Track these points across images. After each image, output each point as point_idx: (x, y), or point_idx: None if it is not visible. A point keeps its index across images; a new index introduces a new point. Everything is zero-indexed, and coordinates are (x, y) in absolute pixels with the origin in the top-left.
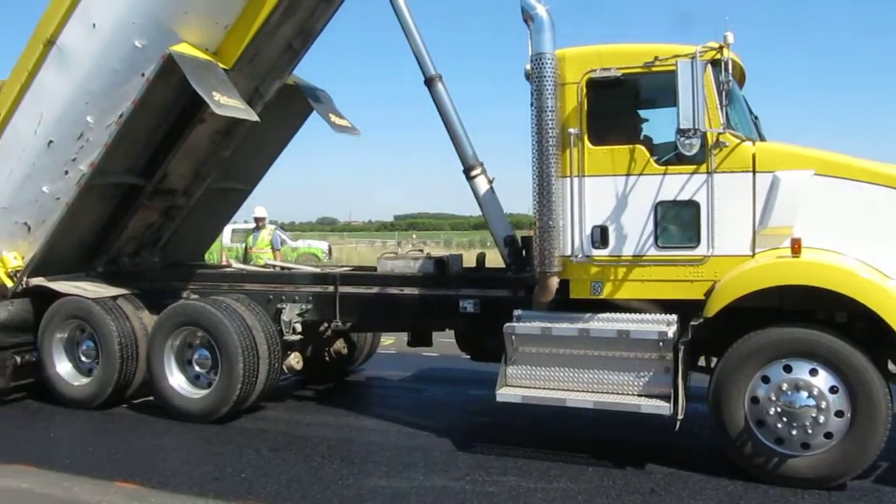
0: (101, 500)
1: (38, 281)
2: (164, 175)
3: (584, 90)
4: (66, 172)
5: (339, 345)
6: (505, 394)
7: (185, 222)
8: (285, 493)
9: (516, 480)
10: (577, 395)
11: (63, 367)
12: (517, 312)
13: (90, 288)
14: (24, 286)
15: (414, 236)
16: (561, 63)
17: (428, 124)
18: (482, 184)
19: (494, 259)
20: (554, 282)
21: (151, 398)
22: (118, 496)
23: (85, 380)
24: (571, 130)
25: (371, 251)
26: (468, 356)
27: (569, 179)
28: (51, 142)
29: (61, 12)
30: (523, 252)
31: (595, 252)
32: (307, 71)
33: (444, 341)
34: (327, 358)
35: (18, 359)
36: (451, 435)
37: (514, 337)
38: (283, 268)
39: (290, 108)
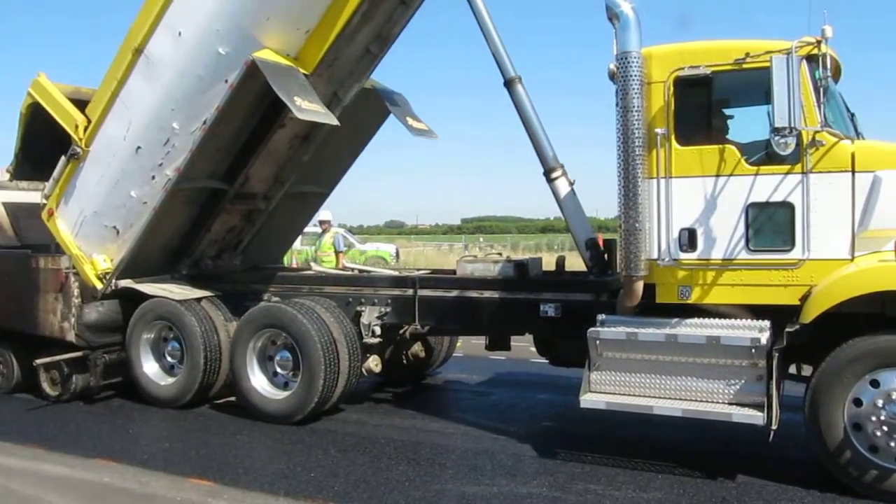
0: (176, 495)
1: (126, 283)
2: (245, 179)
3: (672, 89)
4: (153, 177)
5: (417, 348)
6: (589, 400)
7: (264, 226)
8: (353, 493)
9: (584, 486)
10: (664, 403)
11: (150, 367)
12: (601, 317)
13: (175, 290)
14: (113, 288)
15: (481, 239)
16: (647, 62)
17: (497, 126)
18: (563, 186)
19: (574, 263)
20: (640, 286)
21: (234, 399)
22: (192, 492)
23: (170, 380)
24: (658, 131)
25: (438, 254)
26: (547, 361)
27: (655, 181)
28: (139, 148)
29: (149, 22)
30: (605, 255)
31: (682, 255)
32: (384, 75)
33: (517, 345)
34: (405, 361)
35: (108, 358)
36: (519, 439)
37: (598, 342)
38: (361, 270)
39: (366, 112)
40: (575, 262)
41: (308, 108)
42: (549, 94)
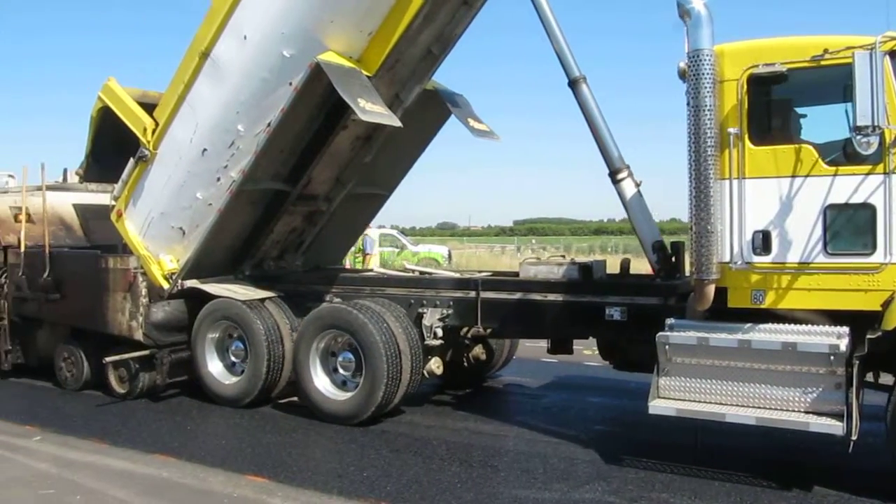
0: (233, 491)
1: (191, 283)
2: (307, 181)
3: (745, 87)
4: (219, 179)
5: (478, 350)
6: (658, 406)
7: (325, 227)
8: (405, 493)
9: (638, 492)
10: (737, 411)
11: (214, 367)
12: (670, 321)
13: (240, 290)
14: (180, 288)
15: (533, 241)
16: (720, 59)
17: (552, 125)
18: (629, 187)
19: (637, 266)
20: (711, 290)
21: (296, 398)
22: (248, 489)
23: (234, 379)
24: (731, 130)
25: (490, 256)
26: (611, 365)
27: (728, 182)
28: (204, 150)
29: (215, 26)
30: (673, 258)
31: (756, 259)
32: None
33: (577, 347)
34: (466, 363)
35: (174, 357)
36: (573, 443)
37: (667, 347)
38: (421, 272)
39: (427, 113)
40: (638, 265)
41: (371, 110)
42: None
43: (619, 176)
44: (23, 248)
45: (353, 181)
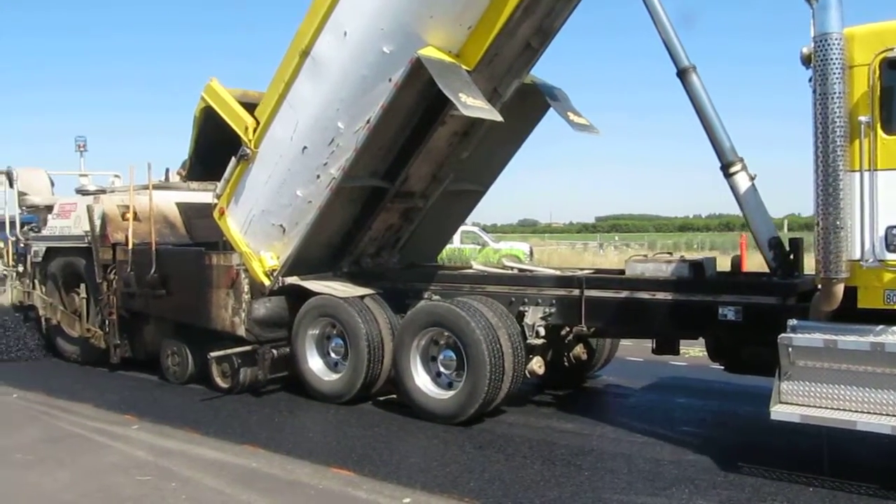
0: (319, 483)
1: (292, 280)
2: (405, 178)
3: (878, 72)
4: (318, 177)
5: (579, 350)
6: (780, 412)
7: (421, 223)
8: (488, 490)
9: (727, 494)
10: (869, 419)
11: (315, 363)
12: (792, 322)
13: (339, 287)
14: (280, 284)
15: (616, 238)
16: (849, 43)
17: (635, 121)
18: (742, 181)
19: (724, 263)
20: (840, 289)
21: (395, 396)
22: (333, 481)
23: (335, 376)
24: (861, 119)
25: (572, 253)
26: (722, 367)
27: (858, 174)
28: (305, 148)
29: (315, 24)
30: (791, 255)
31: (889, 256)
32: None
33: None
34: (566, 363)
35: (275, 352)
36: (658, 444)
37: (790, 349)
38: (521, 269)
39: (525, 108)
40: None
41: (473, 105)
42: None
43: (733, 169)
44: (130, 246)
45: (450, 177)
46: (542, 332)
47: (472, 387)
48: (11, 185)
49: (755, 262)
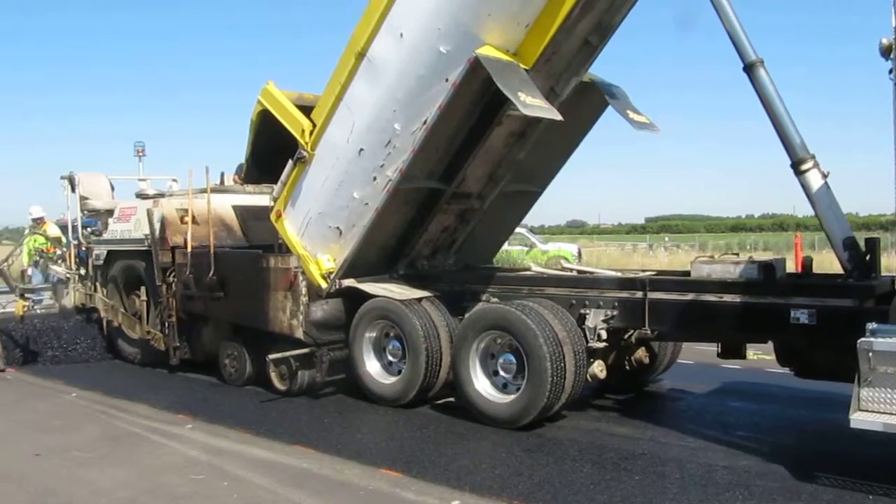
0: (368, 484)
1: (349, 282)
2: (461, 179)
3: None
4: (375, 178)
5: (641, 353)
6: (861, 420)
7: (477, 225)
8: (536, 493)
9: (783, 501)
10: None
11: (372, 366)
12: (871, 326)
13: (396, 290)
14: (337, 287)
15: (666, 239)
16: None
17: (683, 120)
18: (815, 179)
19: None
20: None
21: (452, 399)
22: (382, 482)
23: (392, 378)
24: None
25: (622, 254)
26: (792, 372)
27: None
28: (361, 149)
29: (371, 26)
30: (867, 256)
31: None
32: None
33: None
34: (627, 367)
35: (333, 355)
36: (711, 449)
37: (871, 354)
38: (580, 271)
39: (582, 106)
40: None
41: (532, 104)
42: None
43: (804, 167)
44: (189, 249)
45: (507, 178)
46: (604, 335)
47: (532, 391)
48: (73, 190)
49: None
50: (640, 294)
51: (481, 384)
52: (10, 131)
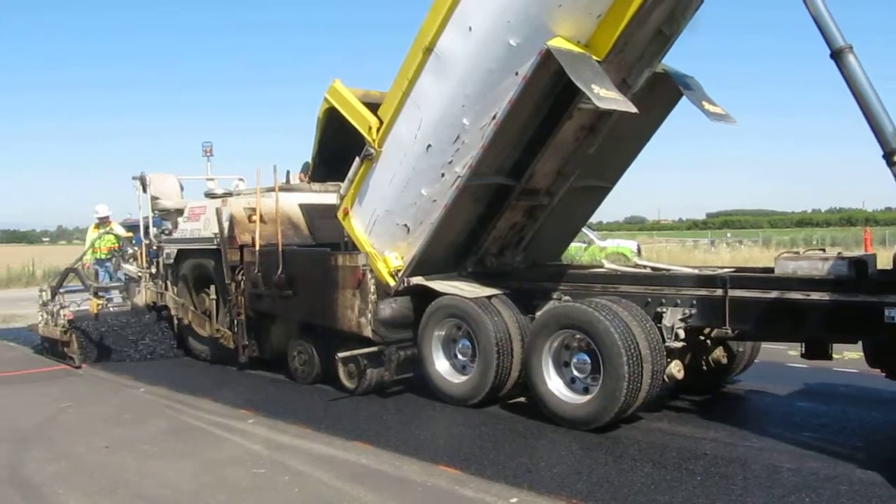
0: (427, 480)
1: (417, 280)
2: (530, 175)
3: None
4: (443, 175)
5: (719, 353)
6: None
7: (546, 221)
8: (596, 492)
9: None
10: None
11: (441, 365)
12: None
13: (466, 287)
14: (406, 285)
15: (728, 235)
16: None
17: (748, 114)
18: None
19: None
20: None
21: (523, 399)
22: (441, 479)
23: (462, 378)
24: None
25: (682, 251)
26: (884, 373)
27: None
28: (429, 146)
29: (439, 20)
30: None
31: None
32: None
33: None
34: (704, 367)
35: (402, 354)
36: (777, 450)
37: None
38: (653, 268)
39: (654, 99)
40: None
41: (607, 96)
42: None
43: None
44: (258, 247)
45: (576, 174)
46: (682, 334)
47: (608, 392)
48: (144, 190)
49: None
50: (719, 292)
51: (554, 384)
52: (85, 128)
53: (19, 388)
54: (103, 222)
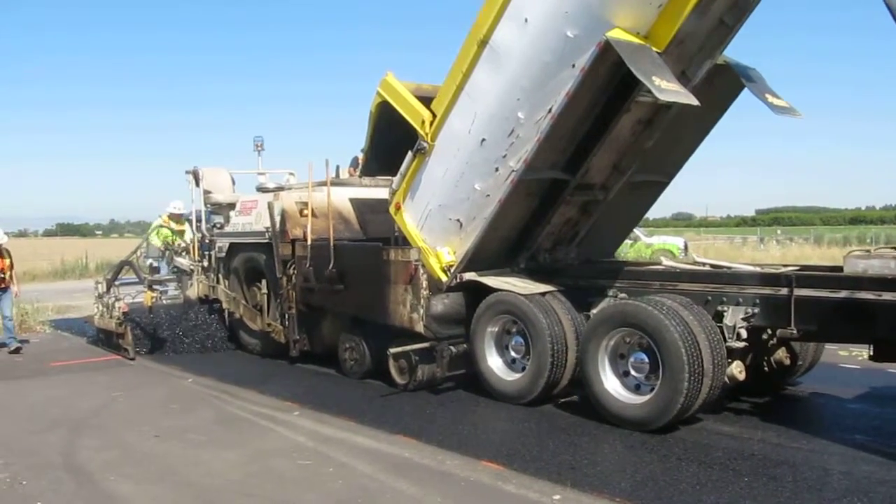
0: (469, 475)
1: (470, 276)
2: (586, 169)
3: None
4: (497, 169)
5: (781, 354)
6: None
7: (600, 217)
8: (640, 491)
9: None
10: None
11: (494, 362)
12: None
13: (519, 284)
14: (458, 281)
15: (778, 232)
16: None
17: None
18: None
19: None
20: None
21: (576, 397)
22: (483, 474)
23: (516, 375)
24: None
25: (731, 248)
26: None
27: None
28: (483, 140)
29: (494, 12)
30: None
31: None
32: None
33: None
34: (766, 368)
35: (454, 350)
36: (827, 452)
37: None
38: (714, 266)
39: (713, 91)
40: None
41: (668, 88)
42: None
43: None
44: (309, 241)
45: (633, 168)
46: (744, 334)
47: (668, 393)
48: (198, 184)
49: None
50: (784, 291)
51: (611, 384)
52: (135, 121)
53: (73, 376)
54: (177, 219)
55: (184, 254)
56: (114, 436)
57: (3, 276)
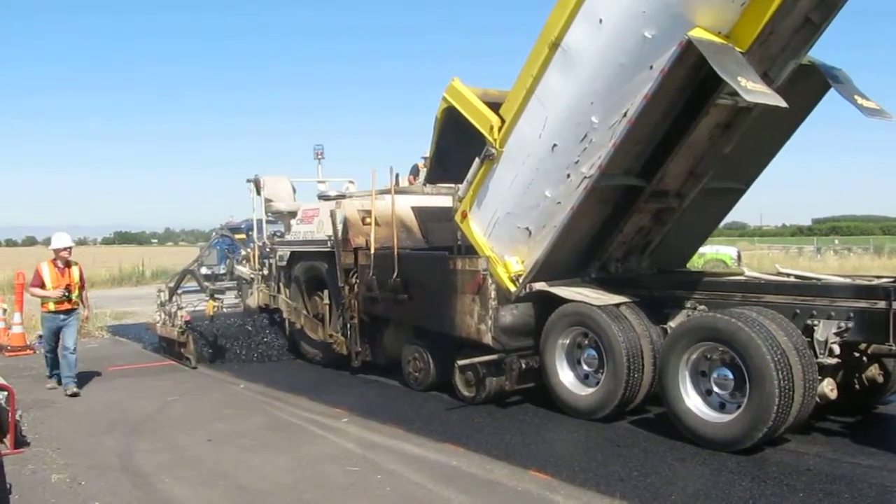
0: (517, 485)
1: (540, 286)
2: (661, 176)
3: None
4: (568, 176)
5: (874, 371)
6: None
7: (674, 225)
8: None
9: None
10: None
11: (565, 375)
12: None
13: (592, 294)
14: (528, 291)
15: (836, 241)
16: None
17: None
18: None
19: None
20: None
21: (651, 415)
22: (531, 484)
23: (589, 390)
24: None
25: (786, 258)
26: None
27: None
28: (554, 145)
29: (566, 13)
30: None
31: None
32: None
33: None
34: (857, 386)
35: (523, 363)
36: (886, 469)
37: None
38: (800, 277)
39: (796, 93)
40: None
41: (754, 89)
42: None
43: None
44: (372, 250)
45: (709, 174)
46: (836, 349)
47: (756, 411)
48: (259, 193)
49: None
50: (882, 304)
51: (693, 401)
52: (192, 129)
53: (129, 381)
54: (234, 230)
55: (244, 262)
56: (168, 439)
57: (68, 295)
